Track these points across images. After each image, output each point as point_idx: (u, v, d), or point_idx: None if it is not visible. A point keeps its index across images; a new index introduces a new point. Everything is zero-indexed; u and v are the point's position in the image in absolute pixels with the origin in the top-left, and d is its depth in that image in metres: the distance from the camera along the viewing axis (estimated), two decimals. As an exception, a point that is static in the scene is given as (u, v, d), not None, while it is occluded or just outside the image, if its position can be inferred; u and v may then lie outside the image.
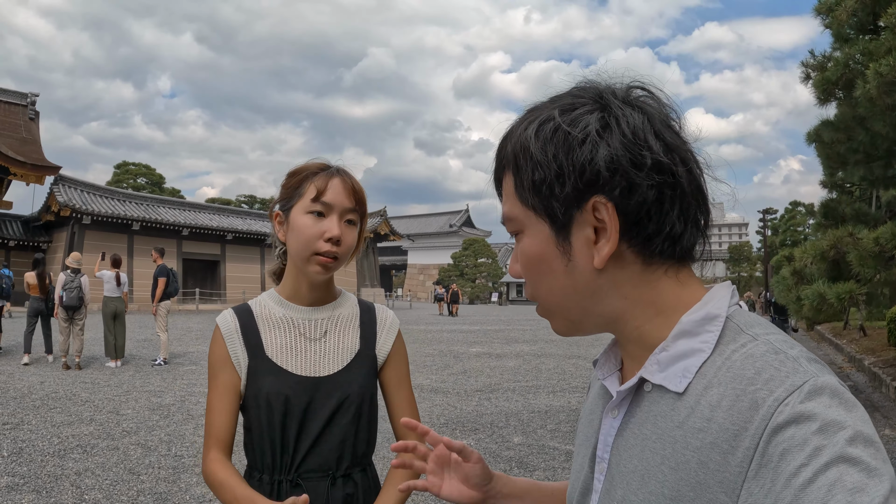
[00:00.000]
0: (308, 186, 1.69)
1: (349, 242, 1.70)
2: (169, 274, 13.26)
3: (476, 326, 28.96)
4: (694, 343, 0.82)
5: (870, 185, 11.80)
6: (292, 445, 1.69)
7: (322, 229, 1.65)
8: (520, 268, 0.93)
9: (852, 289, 7.71)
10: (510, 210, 0.91)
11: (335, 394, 1.72)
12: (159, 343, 13.32)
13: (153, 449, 6.62)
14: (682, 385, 0.80)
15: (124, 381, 11.02)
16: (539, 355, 16.45)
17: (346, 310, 1.85)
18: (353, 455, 1.75)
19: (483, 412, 8.96)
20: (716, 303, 0.85)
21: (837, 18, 8.94)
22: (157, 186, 63.91)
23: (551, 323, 0.95)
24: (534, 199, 0.86)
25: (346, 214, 1.70)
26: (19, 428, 7.39)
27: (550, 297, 0.91)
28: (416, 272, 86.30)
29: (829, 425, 0.67)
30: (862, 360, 13.51)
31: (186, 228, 39.10)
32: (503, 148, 0.91)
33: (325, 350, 1.77)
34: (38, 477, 5.62)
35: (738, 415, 0.72)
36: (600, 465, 0.92)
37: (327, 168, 1.75)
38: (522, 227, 0.90)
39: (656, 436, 0.82)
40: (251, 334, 1.76)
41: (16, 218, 37.90)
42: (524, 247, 0.91)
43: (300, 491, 1.65)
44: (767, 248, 48.20)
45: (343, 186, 1.70)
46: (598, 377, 1.00)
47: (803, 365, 0.74)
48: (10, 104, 35.19)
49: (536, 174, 0.84)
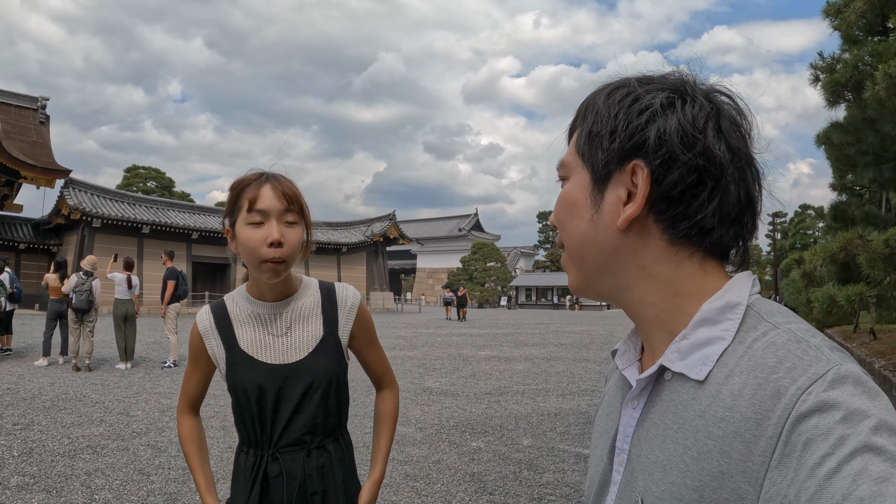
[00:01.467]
0: (243, 199, 1.83)
1: (292, 242, 1.82)
2: (178, 277, 13.32)
3: (485, 330, 28.94)
4: (714, 331, 0.82)
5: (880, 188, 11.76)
6: (269, 425, 1.91)
7: (263, 236, 1.78)
8: (555, 209, 0.97)
9: (862, 291, 7.67)
10: (566, 157, 0.96)
11: (303, 379, 1.92)
12: (169, 345, 13.36)
13: (163, 450, 6.64)
14: (703, 373, 0.80)
15: (134, 382, 11.06)
16: (548, 358, 16.43)
17: (308, 299, 2.01)
18: (325, 429, 1.96)
19: (492, 415, 8.95)
20: (737, 291, 0.85)
21: (846, 20, 8.92)
22: (166, 190, 64.16)
23: (568, 275, 0.98)
24: (584, 147, 0.91)
25: (284, 216, 1.82)
26: (30, 428, 7.43)
27: (571, 241, 0.94)
28: (426, 276, 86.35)
29: (853, 414, 0.66)
30: (872, 364, 13.43)
31: (196, 232, 39.25)
32: (582, 105, 0.96)
33: (292, 341, 1.95)
34: (48, 477, 5.65)
35: (760, 403, 0.72)
36: (620, 455, 0.91)
37: (258, 178, 1.86)
38: (569, 172, 0.95)
39: (678, 425, 0.81)
40: (226, 329, 1.98)
41: (26, 221, 38.12)
42: (564, 190, 0.95)
43: (279, 464, 1.90)
44: (777, 252, 48.03)
45: (274, 191, 1.81)
46: (618, 366, 1.00)
47: (826, 353, 0.73)
48: (20, 108, 35.42)
49: (595, 126, 0.89)
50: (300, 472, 1.90)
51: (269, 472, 1.91)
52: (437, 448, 7.00)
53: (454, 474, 6.02)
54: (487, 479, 5.91)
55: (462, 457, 6.64)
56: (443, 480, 5.83)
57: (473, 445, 7.15)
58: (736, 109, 0.88)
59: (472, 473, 6.07)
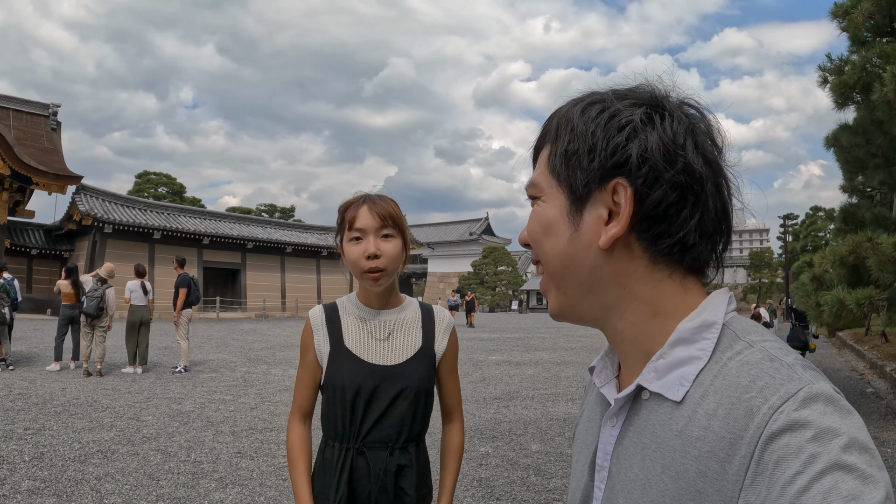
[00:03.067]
0: (346, 220, 2.06)
1: (388, 253, 2.03)
2: (190, 283, 13.41)
3: (496, 334, 28.93)
4: (691, 350, 0.82)
5: (889, 190, 11.70)
6: (360, 420, 2.05)
7: (361, 250, 2.01)
8: (526, 230, 0.95)
9: (872, 294, 7.64)
10: (537, 176, 0.93)
11: (398, 382, 2.07)
12: (179, 351, 13.42)
13: (173, 455, 6.67)
14: (680, 393, 0.80)
15: (145, 387, 11.11)
16: (558, 363, 16.41)
17: (410, 313, 2.20)
18: (410, 433, 2.09)
19: (502, 420, 8.95)
20: (712, 310, 0.84)
21: (853, 22, 8.89)
22: (177, 195, 64.34)
23: (549, 300, 0.95)
24: (561, 167, 0.88)
25: (381, 231, 2.03)
26: (41, 433, 7.47)
27: (550, 260, 0.91)
28: (437, 280, 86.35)
29: (824, 433, 0.67)
30: (883, 367, 13.36)
31: (207, 237, 39.39)
32: (550, 120, 0.94)
33: (392, 346, 2.12)
34: (58, 481, 5.69)
35: (733, 423, 0.72)
36: (600, 473, 0.92)
37: (358, 200, 2.08)
38: (541, 193, 0.92)
39: (656, 444, 0.81)
40: (334, 327, 2.14)
41: (38, 227, 38.33)
42: (537, 211, 0.92)
43: (364, 458, 2.04)
44: (788, 254, 47.78)
45: (370, 211, 2.03)
46: (596, 384, 0.99)
47: (798, 372, 0.74)
48: (32, 115, 35.67)
49: (571, 144, 0.87)
50: (383, 467, 2.04)
51: (355, 464, 2.04)
52: (446, 452, 6.97)
53: (462, 479, 6.03)
54: (495, 484, 5.91)
55: (470, 462, 6.64)
56: (450, 485, 5.82)
57: (482, 451, 7.15)
58: (705, 121, 0.88)
59: (479, 479, 6.07)
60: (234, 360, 15.76)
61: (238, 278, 42.48)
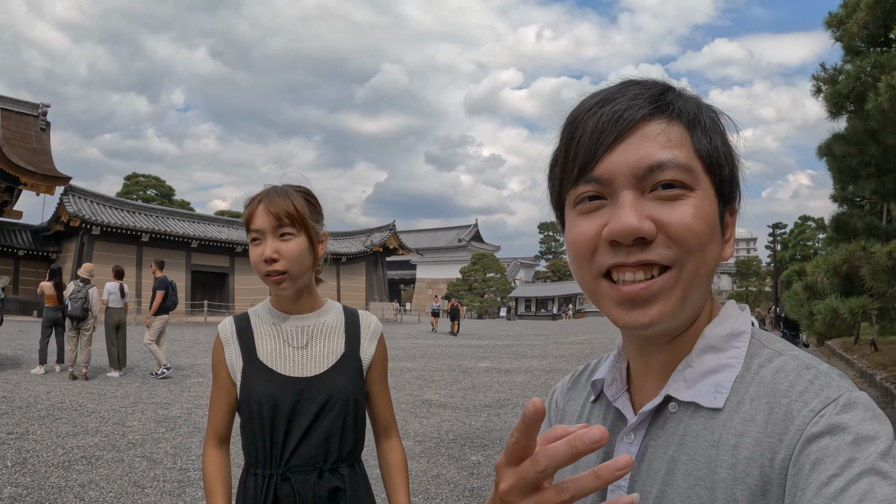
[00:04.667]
0: (244, 219, 1.93)
1: (289, 254, 1.86)
2: (168, 287, 13.22)
3: (485, 341, 28.89)
4: (722, 358, 0.82)
5: (881, 199, 11.72)
6: (281, 441, 1.86)
7: (259, 253, 1.86)
8: (693, 224, 0.78)
9: (865, 303, 7.64)
10: (686, 158, 0.79)
11: (321, 393, 1.89)
12: (158, 354, 13.13)
13: (158, 462, 6.57)
14: (720, 401, 0.79)
15: (131, 392, 10.99)
16: (548, 371, 16.36)
17: (332, 317, 2.03)
18: (340, 451, 1.90)
19: (492, 427, 8.88)
20: (738, 319, 0.86)
21: (848, 31, 8.90)
22: (166, 198, 64.21)
23: (656, 307, 0.79)
24: (719, 160, 0.83)
25: (278, 231, 1.86)
26: (24, 438, 7.36)
27: (702, 269, 0.80)
28: (425, 286, 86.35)
29: (863, 438, 0.67)
30: (874, 376, 13.39)
31: (195, 240, 39.21)
32: (667, 95, 0.83)
33: (311, 354, 1.95)
34: (41, 488, 5.58)
35: (772, 427, 0.72)
36: (616, 492, 0.87)
37: (255, 198, 1.92)
38: (696, 184, 0.79)
39: (687, 457, 0.79)
40: (246, 340, 1.96)
41: (25, 227, 38.05)
42: (701, 207, 0.79)
43: (289, 484, 1.83)
44: (777, 263, 48.00)
45: (265, 210, 1.86)
46: (609, 398, 0.95)
47: (835, 380, 0.74)
48: (21, 114, 35.42)
49: (724, 147, 0.84)
50: (311, 493, 1.84)
51: (280, 492, 1.84)
52: (437, 462, 6.93)
53: (453, 489, 5.95)
54: (487, 493, 5.84)
55: (461, 471, 6.57)
56: (442, 495, 5.76)
57: (473, 459, 7.08)
58: None
59: (471, 488, 6.00)
60: (221, 364, 15.62)
61: (226, 282, 42.30)
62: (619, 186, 0.78)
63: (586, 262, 0.82)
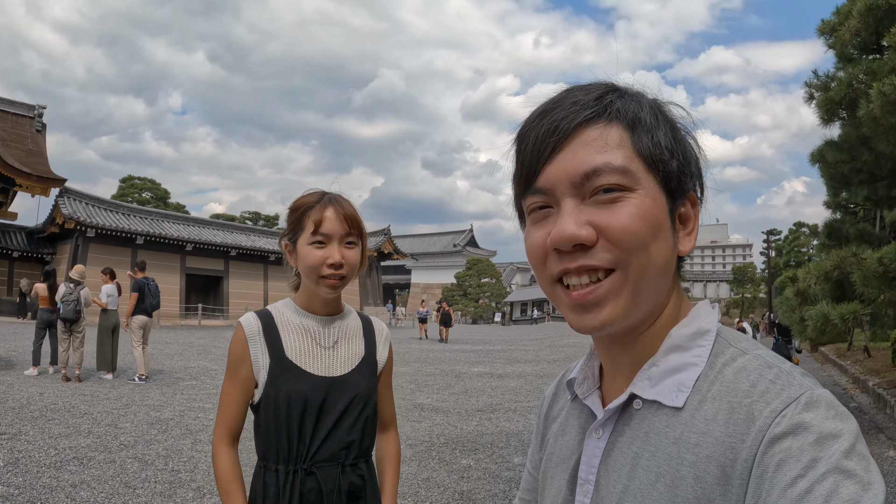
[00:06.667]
0: (307, 221, 1.92)
1: (351, 262, 1.94)
2: (143, 288, 12.87)
3: (478, 346, 28.89)
4: (686, 357, 0.82)
5: (874, 205, 11.76)
6: (308, 438, 1.90)
7: (324, 257, 1.90)
8: (632, 224, 0.79)
9: (856, 309, 7.68)
10: (625, 161, 0.80)
11: (346, 392, 1.96)
12: (145, 359, 12.92)
13: (150, 463, 6.57)
14: (681, 399, 0.79)
15: (123, 394, 10.98)
16: (541, 375, 16.37)
17: (352, 321, 2.12)
18: (360, 447, 1.98)
19: (484, 432, 8.89)
20: (706, 318, 0.86)
21: (840, 38, 8.93)
22: (161, 201, 64.03)
23: (606, 309, 0.81)
24: (662, 157, 0.82)
25: (345, 239, 1.93)
26: (16, 438, 7.34)
27: (649, 269, 0.81)
28: (420, 291, 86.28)
29: (826, 437, 0.67)
30: (866, 382, 13.41)
31: (190, 244, 39.11)
32: (607, 96, 0.84)
33: (337, 354, 2.01)
34: (33, 488, 5.57)
35: (734, 427, 0.72)
36: (584, 486, 0.89)
37: (320, 199, 1.96)
38: (636, 184, 0.80)
39: (649, 453, 0.80)
40: (273, 337, 1.97)
41: (20, 229, 37.92)
42: (640, 206, 0.80)
43: (314, 478, 1.88)
44: (771, 269, 48.07)
45: (336, 215, 1.92)
46: (579, 396, 0.98)
47: (797, 378, 0.74)
48: (17, 116, 35.34)
49: (671, 135, 0.85)
50: (335, 487, 1.90)
51: (304, 487, 1.88)
52: (427, 465, 6.93)
53: (443, 492, 5.96)
54: (477, 497, 5.85)
55: (452, 475, 6.58)
56: (432, 499, 5.77)
57: (464, 463, 7.09)
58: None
59: (461, 492, 6.00)
60: (214, 367, 15.60)
61: (221, 286, 42.20)
62: (561, 195, 0.82)
63: (540, 269, 0.86)
